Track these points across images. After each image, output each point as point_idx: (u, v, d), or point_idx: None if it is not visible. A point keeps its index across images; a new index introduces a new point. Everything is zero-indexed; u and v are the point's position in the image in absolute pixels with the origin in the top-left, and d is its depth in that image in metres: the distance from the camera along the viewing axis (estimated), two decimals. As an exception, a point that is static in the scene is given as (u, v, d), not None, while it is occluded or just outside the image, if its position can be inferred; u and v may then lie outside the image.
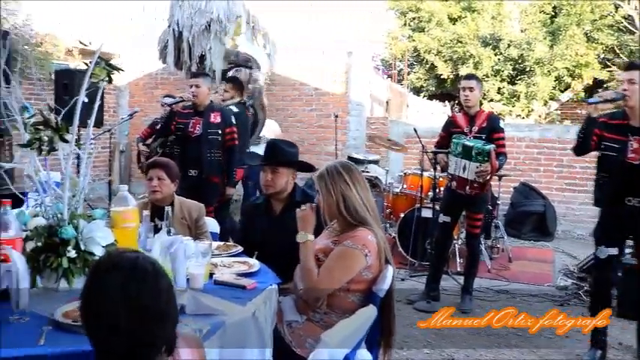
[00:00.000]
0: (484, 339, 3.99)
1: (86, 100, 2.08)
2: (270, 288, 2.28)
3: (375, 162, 7.69)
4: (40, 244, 2.03)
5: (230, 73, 7.58)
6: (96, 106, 2.14)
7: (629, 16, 11.52)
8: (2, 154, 5.79)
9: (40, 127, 2.02)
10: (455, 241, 5.53)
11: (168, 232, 2.51)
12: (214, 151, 4.86)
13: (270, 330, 2.22)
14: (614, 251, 3.56)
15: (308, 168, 3.27)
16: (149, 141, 6.01)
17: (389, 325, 2.49)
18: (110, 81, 2.12)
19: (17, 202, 2.33)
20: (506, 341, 3.97)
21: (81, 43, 2.95)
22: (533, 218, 7.51)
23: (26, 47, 7.81)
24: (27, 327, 1.77)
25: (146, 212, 2.61)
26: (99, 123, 6.94)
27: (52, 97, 6.10)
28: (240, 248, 2.86)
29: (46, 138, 2.00)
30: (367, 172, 7.43)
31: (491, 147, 4.19)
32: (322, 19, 9.89)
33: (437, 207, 5.22)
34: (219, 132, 4.86)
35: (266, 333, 2.13)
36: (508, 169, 8.09)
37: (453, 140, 4.44)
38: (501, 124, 4.54)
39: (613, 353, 3.80)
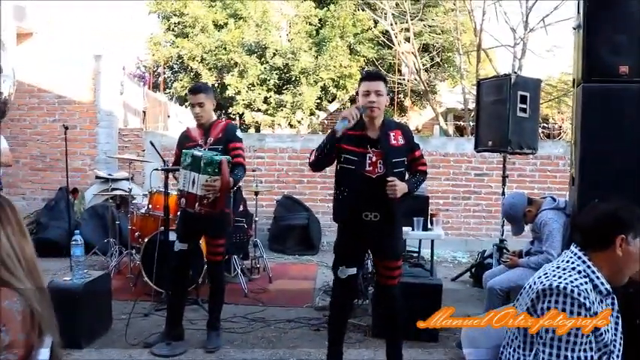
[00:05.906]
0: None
1: None
2: None
3: (127, 179, 6.80)
4: None
5: None
6: None
7: (387, 31, 12.13)
8: None
9: None
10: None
11: None
12: None
13: None
14: (353, 271, 3.33)
15: None
16: None
17: None
18: None
19: None
20: None
21: None
22: (297, 232, 7.27)
23: None
24: None
25: None
26: None
27: None
28: None
29: None
30: (115, 189, 6.56)
31: (222, 158, 3.69)
32: (67, 17, 8.72)
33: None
34: None
35: None
36: (272, 181, 7.82)
37: (183, 151, 3.86)
38: (238, 133, 4.05)
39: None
